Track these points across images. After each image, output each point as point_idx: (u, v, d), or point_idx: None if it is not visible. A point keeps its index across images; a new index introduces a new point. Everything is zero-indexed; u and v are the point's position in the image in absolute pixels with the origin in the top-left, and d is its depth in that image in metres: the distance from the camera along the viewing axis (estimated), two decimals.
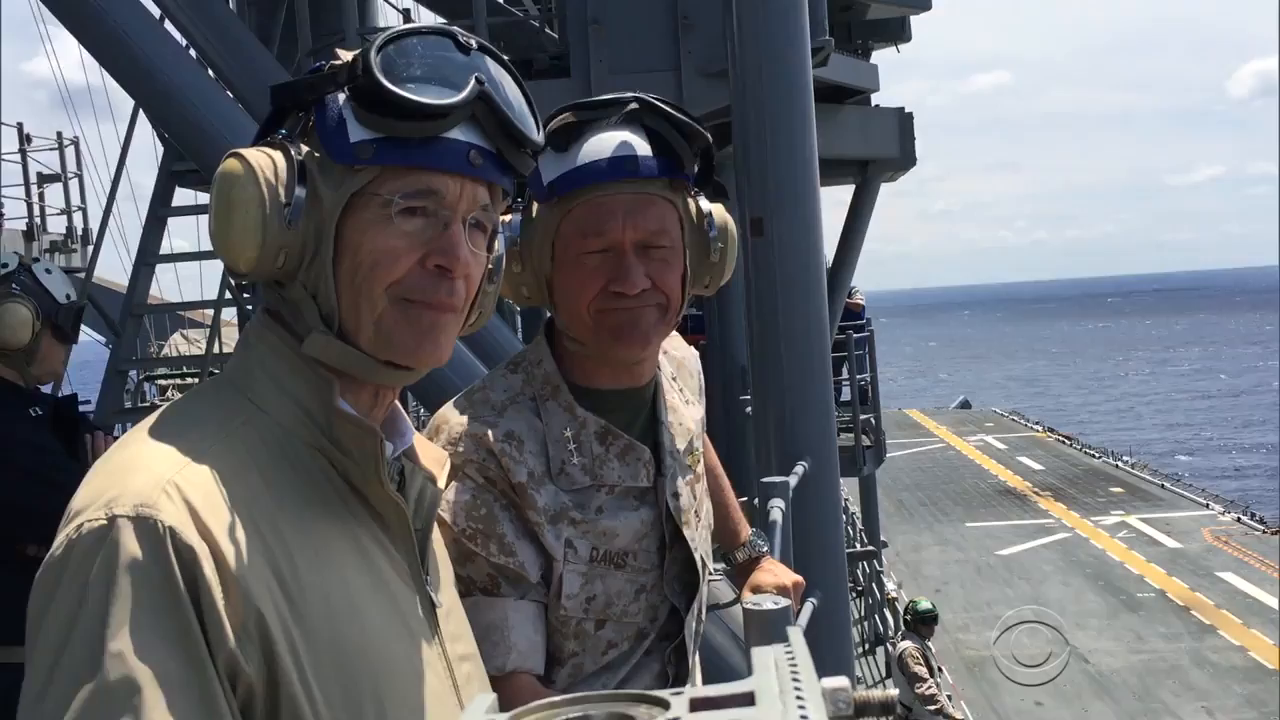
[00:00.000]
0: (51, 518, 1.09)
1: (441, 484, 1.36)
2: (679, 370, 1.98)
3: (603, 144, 1.70)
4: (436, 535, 1.38)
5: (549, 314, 1.85)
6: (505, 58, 1.27)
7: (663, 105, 1.74)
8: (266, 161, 1.18)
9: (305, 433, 1.19)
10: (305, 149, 1.20)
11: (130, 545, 1.01)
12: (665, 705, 0.55)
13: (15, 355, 3.25)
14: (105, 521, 1.03)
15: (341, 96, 1.19)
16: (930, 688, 10.72)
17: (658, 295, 1.72)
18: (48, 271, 3.36)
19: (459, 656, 1.29)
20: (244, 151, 1.20)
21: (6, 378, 3.26)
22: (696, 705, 0.55)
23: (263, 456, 1.15)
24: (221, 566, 1.04)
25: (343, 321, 1.20)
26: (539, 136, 1.28)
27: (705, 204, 1.81)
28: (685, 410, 1.92)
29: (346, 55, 1.21)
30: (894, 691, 0.65)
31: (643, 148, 1.71)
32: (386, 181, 1.19)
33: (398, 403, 1.34)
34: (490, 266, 1.32)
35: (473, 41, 1.24)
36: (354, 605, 1.15)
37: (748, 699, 0.55)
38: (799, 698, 0.54)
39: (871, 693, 0.61)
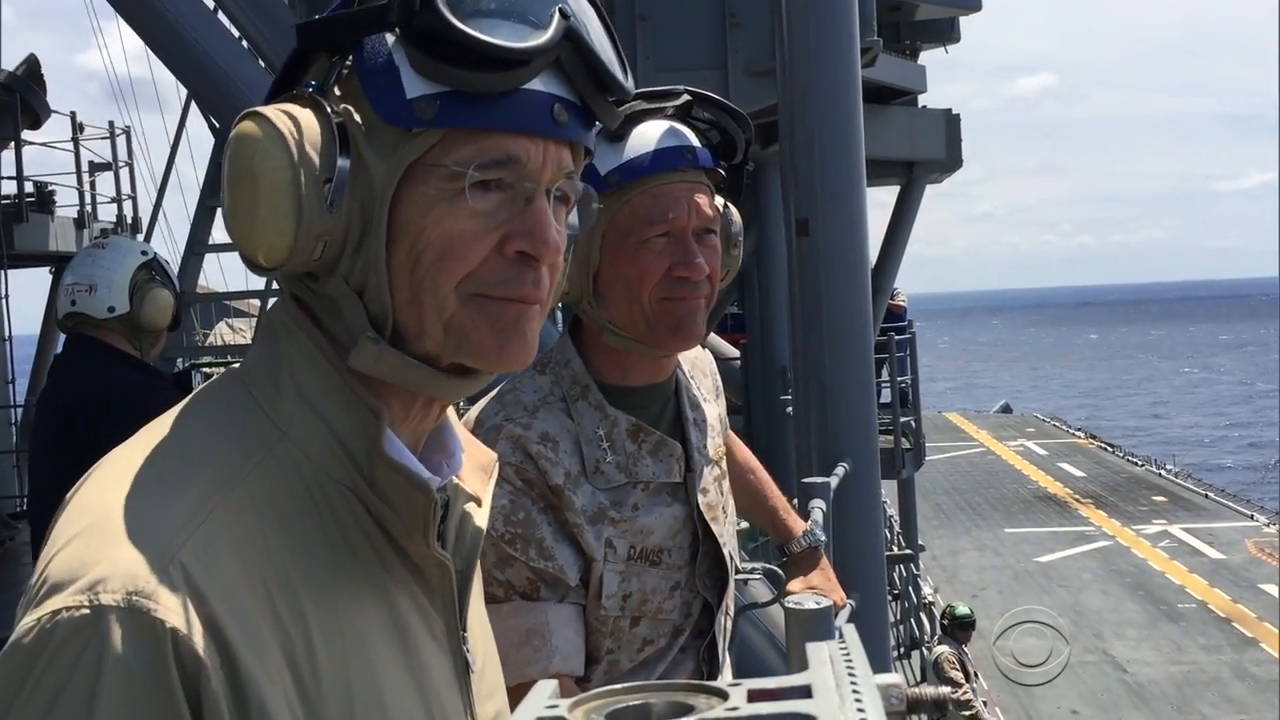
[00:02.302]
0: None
1: (487, 496, 1.11)
2: (693, 369, 1.99)
3: (661, 134, 1.74)
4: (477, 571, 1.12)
5: (574, 313, 1.87)
6: None
7: (713, 96, 1.80)
8: (294, 123, 0.91)
9: (337, 469, 0.95)
10: (343, 106, 0.94)
11: (119, 647, 0.79)
12: (724, 695, 0.56)
13: (147, 337, 3.49)
14: (88, 610, 0.79)
15: (390, 39, 0.92)
16: (966, 693, 10.66)
17: (708, 285, 1.76)
18: (165, 263, 3.59)
19: (489, 719, 1.11)
20: (264, 110, 0.92)
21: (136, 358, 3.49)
22: (754, 696, 0.56)
23: (284, 503, 0.91)
24: (231, 672, 0.82)
25: (399, 322, 0.95)
26: (631, 82, 1.02)
27: (719, 199, 1.85)
28: (706, 407, 1.94)
29: None
30: (946, 689, 0.65)
31: (695, 138, 1.77)
32: (452, 148, 0.93)
33: (450, 410, 1.09)
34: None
35: None
36: (378, 690, 0.93)
37: (804, 692, 0.55)
38: (855, 692, 0.55)
39: (924, 690, 0.62)
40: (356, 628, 0.93)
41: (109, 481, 0.89)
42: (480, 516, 1.08)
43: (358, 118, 0.93)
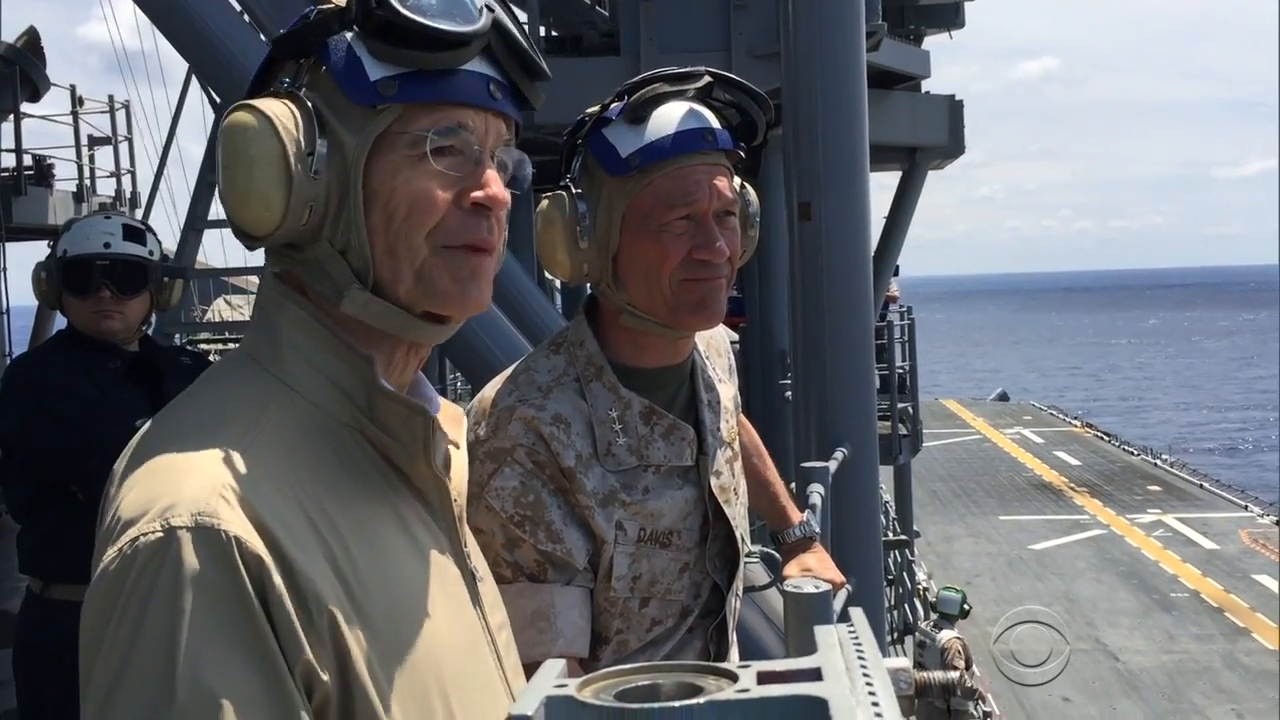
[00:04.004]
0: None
1: (461, 444, 1.28)
2: (708, 349, 1.99)
3: (681, 116, 1.74)
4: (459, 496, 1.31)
5: (590, 293, 1.87)
6: None
7: (733, 77, 1.80)
8: (282, 110, 1.09)
9: (342, 412, 1.11)
10: (315, 94, 1.11)
11: (193, 558, 0.94)
12: (734, 677, 0.56)
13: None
14: (162, 533, 0.95)
15: (349, 35, 1.11)
16: (973, 681, 10.59)
17: (728, 266, 1.76)
18: (67, 229, 3.41)
19: (497, 625, 1.27)
20: (254, 101, 1.10)
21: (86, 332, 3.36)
22: (764, 678, 0.56)
23: (303, 442, 1.08)
24: (289, 572, 0.97)
25: (378, 275, 1.12)
26: (545, 67, 1.22)
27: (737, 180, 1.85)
28: (720, 389, 1.94)
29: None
30: (954, 674, 0.66)
31: (715, 120, 1.77)
32: (412, 120, 1.11)
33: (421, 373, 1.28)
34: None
35: None
36: (410, 591, 1.10)
37: (814, 674, 0.56)
38: (865, 675, 0.56)
39: (932, 674, 0.62)
40: (380, 538, 1.09)
41: (154, 442, 1.05)
42: (459, 459, 1.26)
43: (327, 104, 1.11)
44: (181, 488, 0.98)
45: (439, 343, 1.22)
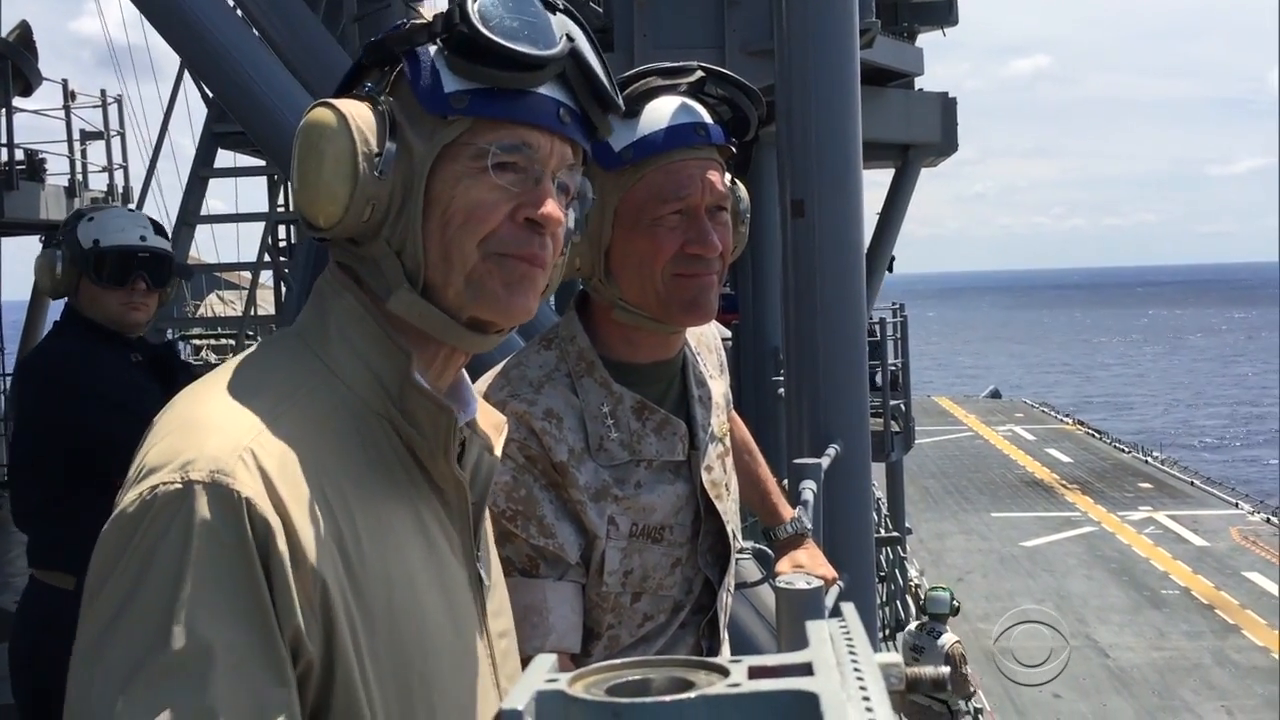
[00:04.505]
0: (137, 445, 1.08)
1: (498, 450, 1.32)
2: (699, 345, 1.99)
3: (674, 110, 1.74)
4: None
5: (581, 288, 1.86)
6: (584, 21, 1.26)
7: (726, 72, 1.80)
8: (359, 110, 1.16)
9: (375, 401, 1.16)
10: (392, 99, 1.18)
11: (205, 512, 0.99)
12: (725, 672, 0.56)
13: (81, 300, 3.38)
14: (180, 485, 1.00)
15: (433, 48, 1.17)
16: (970, 681, 10.53)
17: (720, 262, 1.76)
18: (89, 220, 3.42)
19: (499, 633, 1.29)
20: (334, 101, 1.17)
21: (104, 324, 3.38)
22: (755, 673, 0.56)
23: (333, 422, 1.12)
24: (293, 540, 1.02)
25: (428, 279, 1.17)
26: (621, 101, 1.28)
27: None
28: (712, 384, 1.94)
29: (428, 14, 1.20)
30: (945, 669, 0.66)
31: (707, 115, 1.76)
32: (480, 134, 1.16)
33: (464, 370, 1.31)
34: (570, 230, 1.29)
35: (559, 1, 1.24)
36: (411, 583, 1.13)
37: (806, 669, 0.55)
38: (856, 669, 0.56)
39: (923, 670, 0.63)
40: (393, 529, 1.13)
41: (196, 395, 1.11)
42: (490, 464, 1.29)
43: (404, 109, 1.17)
44: (205, 444, 1.02)
45: (480, 351, 1.26)
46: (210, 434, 1.04)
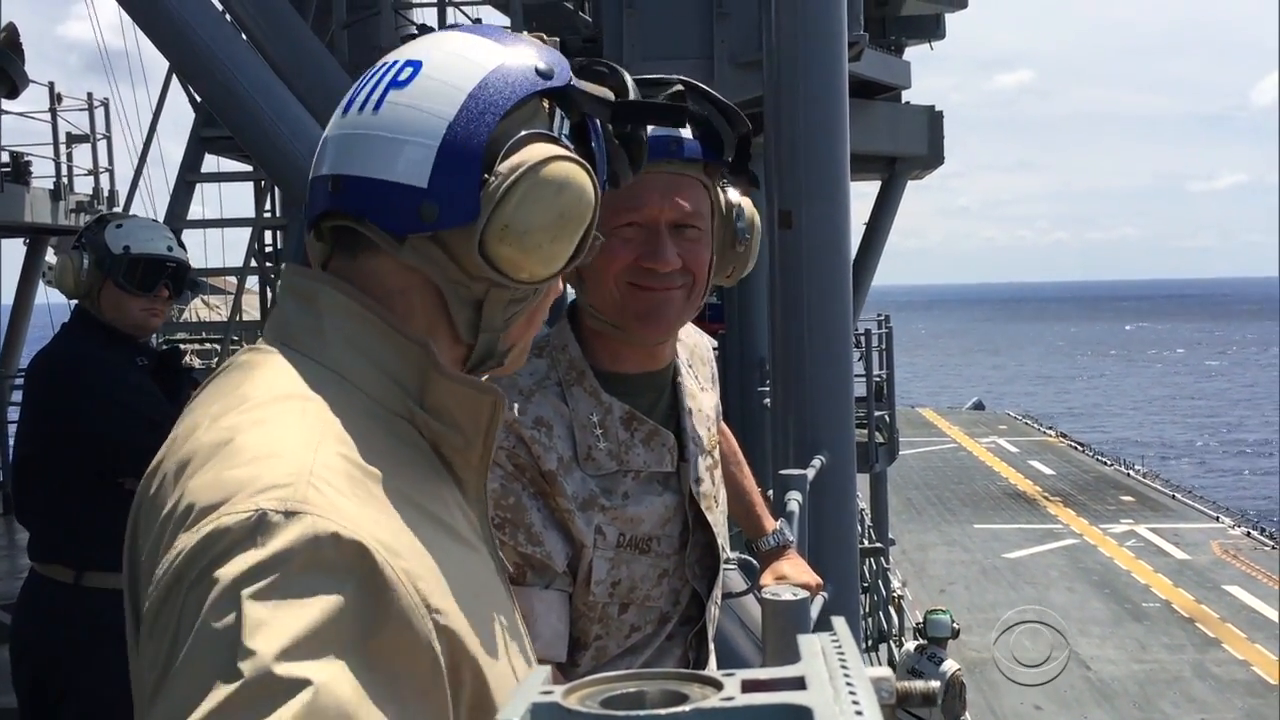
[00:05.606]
0: (148, 453, 1.06)
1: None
2: (691, 357, 1.99)
3: None
4: None
5: (573, 298, 1.86)
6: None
7: (706, 89, 1.75)
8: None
9: (391, 399, 1.09)
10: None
11: (288, 541, 0.89)
12: (718, 685, 0.57)
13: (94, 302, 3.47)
14: (252, 515, 0.90)
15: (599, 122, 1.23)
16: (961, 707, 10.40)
17: (685, 276, 1.74)
18: (118, 226, 3.52)
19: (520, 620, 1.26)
20: (584, 164, 1.15)
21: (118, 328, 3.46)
22: (748, 686, 0.56)
23: (356, 426, 1.03)
24: (384, 554, 0.93)
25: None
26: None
27: (735, 195, 1.84)
28: (702, 396, 1.94)
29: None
30: (935, 684, 0.66)
31: (685, 130, 1.72)
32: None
33: None
34: None
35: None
36: (460, 567, 1.06)
37: (798, 683, 0.56)
38: (849, 684, 0.56)
39: (914, 684, 0.63)
40: (433, 520, 1.06)
41: (210, 428, 1.01)
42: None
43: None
44: (264, 472, 0.93)
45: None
46: (266, 461, 0.95)
